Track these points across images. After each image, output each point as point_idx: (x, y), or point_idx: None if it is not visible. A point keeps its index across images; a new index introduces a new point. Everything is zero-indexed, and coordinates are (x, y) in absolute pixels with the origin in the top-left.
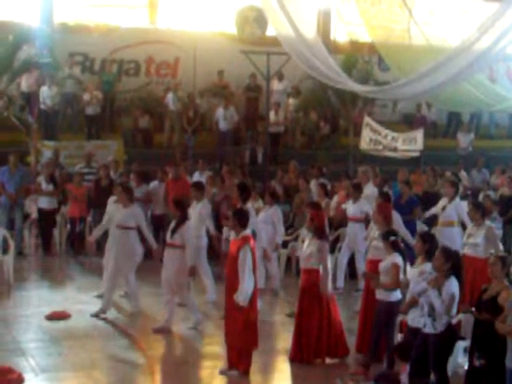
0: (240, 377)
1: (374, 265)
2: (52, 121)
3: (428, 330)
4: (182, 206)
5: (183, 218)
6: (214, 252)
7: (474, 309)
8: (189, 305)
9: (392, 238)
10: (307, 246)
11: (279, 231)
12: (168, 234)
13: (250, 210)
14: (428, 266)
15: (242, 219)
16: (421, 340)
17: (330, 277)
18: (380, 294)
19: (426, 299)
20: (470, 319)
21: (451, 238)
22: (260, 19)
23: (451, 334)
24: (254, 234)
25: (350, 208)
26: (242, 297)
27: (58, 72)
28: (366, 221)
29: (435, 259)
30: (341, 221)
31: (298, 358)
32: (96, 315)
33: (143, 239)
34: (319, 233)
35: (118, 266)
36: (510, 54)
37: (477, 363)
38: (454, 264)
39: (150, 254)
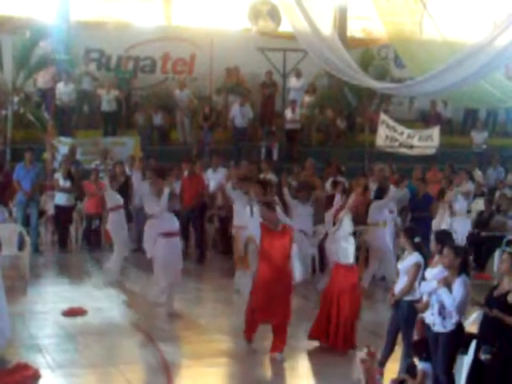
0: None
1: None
2: (68, 117)
3: (438, 328)
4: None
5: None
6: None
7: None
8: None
9: (417, 239)
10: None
11: None
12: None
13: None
14: None
15: (274, 210)
16: (432, 338)
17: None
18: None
19: (437, 298)
20: None
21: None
22: (273, 13)
23: (461, 333)
24: None
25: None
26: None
27: (74, 69)
28: None
29: (445, 257)
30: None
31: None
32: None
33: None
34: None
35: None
36: None
37: (482, 357)
38: (463, 260)
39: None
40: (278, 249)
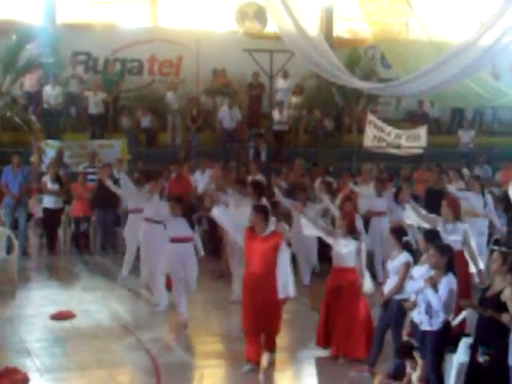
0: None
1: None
2: (55, 120)
3: (425, 327)
4: (184, 203)
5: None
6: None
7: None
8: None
9: (405, 238)
10: (343, 244)
11: None
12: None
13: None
14: None
15: (267, 214)
16: (419, 337)
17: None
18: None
19: (424, 297)
20: (474, 315)
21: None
22: (260, 14)
23: (448, 332)
24: None
25: (374, 202)
26: (286, 290)
27: (61, 71)
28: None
29: (431, 256)
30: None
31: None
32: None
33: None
34: (350, 231)
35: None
36: None
37: (481, 359)
38: (449, 259)
39: None
40: (256, 254)
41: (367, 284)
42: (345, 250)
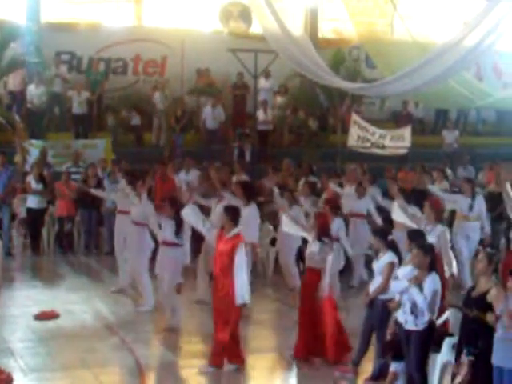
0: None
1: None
2: (39, 120)
3: (410, 326)
4: (176, 205)
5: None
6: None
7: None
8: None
9: (390, 237)
10: (311, 244)
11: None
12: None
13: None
14: None
15: (235, 216)
16: (404, 337)
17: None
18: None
19: (408, 297)
20: (458, 315)
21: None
22: (244, 14)
23: (433, 331)
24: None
25: (355, 204)
26: (239, 296)
27: (45, 71)
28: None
29: (414, 256)
30: None
31: (302, 355)
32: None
33: None
34: (322, 233)
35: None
36: (498, 49)
37: (466, 359)
38: (432, 259)
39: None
40: (217, 255)
41: (325, 286)
42: (314, 250)
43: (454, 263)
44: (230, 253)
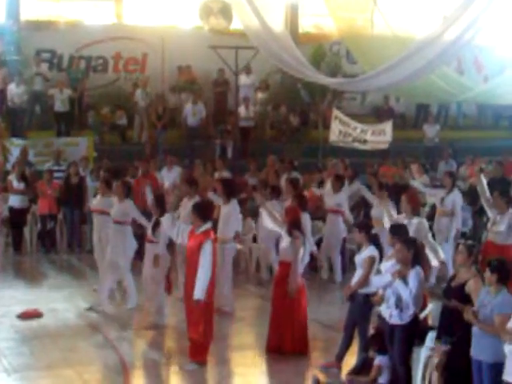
0: (200, 369)
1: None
2: (20, 119)
3: (394, 320)
4: (162, 203)
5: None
6: None
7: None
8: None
9: (372, 231)
10: (283, 238)
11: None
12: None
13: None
14: None
15: (203, 212)
16: (388, 331)
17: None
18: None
19: (393, 291)
20: (439, 308)
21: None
22: (225, 11)
23: (417, 325)
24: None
25: (330, 199)
26: (198, 292)
27: (25, 69)
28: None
29: (398, 251)
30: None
31: (275, 348)
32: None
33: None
34: (292, 227)
35: (114, 261)
36: (478, 44)
37: (442, 348)
38: (415, 253)
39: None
40: (188, 252)
41: (293, 282)
42: (285, 244)
43: (440, 249)
44: (198, 249)
